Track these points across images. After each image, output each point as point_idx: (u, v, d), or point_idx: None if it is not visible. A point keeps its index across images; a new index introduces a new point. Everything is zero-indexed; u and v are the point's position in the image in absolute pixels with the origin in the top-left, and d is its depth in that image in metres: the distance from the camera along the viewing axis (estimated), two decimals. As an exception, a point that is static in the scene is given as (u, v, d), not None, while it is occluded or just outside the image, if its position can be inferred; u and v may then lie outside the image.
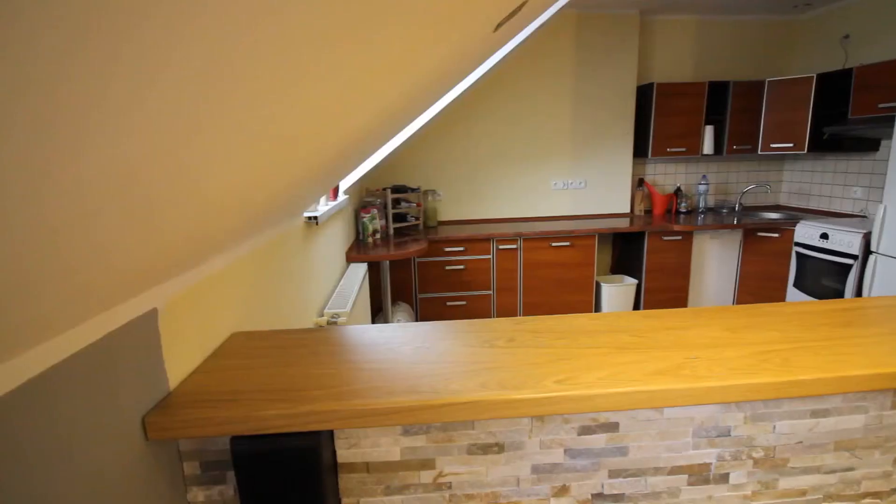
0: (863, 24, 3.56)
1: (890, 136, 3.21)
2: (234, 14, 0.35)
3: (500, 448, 0.87)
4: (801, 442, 0.93)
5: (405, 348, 0.99)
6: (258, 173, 0.76)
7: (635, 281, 3.81)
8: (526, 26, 2.00)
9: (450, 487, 0.89)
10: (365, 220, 3.44)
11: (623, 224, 3.78)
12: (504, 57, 3.30)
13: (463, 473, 0.87)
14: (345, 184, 2.84)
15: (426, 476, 0.87)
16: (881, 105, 3.12)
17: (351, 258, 2.97)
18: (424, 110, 1.92)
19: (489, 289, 3.74)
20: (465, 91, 3.29)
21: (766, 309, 1.14)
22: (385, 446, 0.85)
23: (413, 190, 3.85)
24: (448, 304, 3.76)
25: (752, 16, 4.06)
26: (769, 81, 3.75)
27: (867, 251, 2.95)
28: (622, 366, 0.86)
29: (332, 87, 0.65)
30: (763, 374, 0.83)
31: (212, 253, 1.01)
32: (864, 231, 2.98)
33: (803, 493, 0.96)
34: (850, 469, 0.97)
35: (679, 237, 3.69)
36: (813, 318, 1.09)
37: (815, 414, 0.92)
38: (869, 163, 3.54)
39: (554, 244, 3.68)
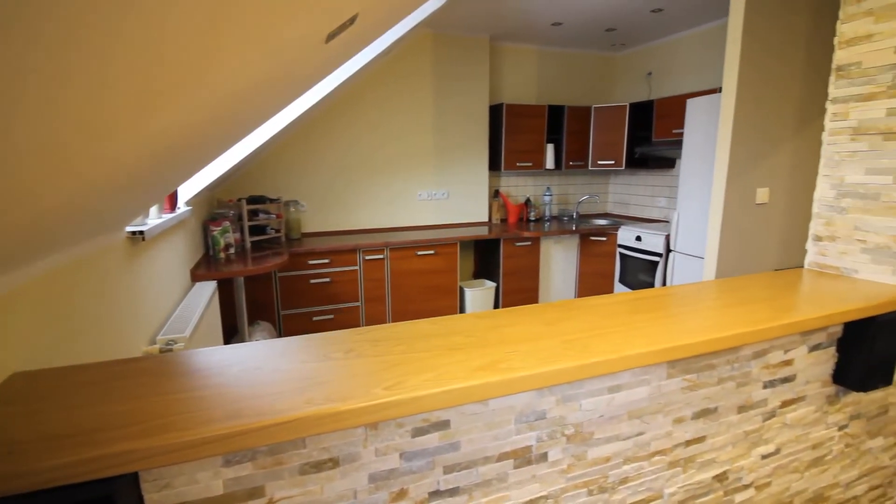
0: (661, 64, 4.36)
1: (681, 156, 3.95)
2: None
3: (334, 463, 0.85)
4: (602, 416, 1.08)
5: (232, 370, 0.92)
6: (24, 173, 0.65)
7: (494, 284, 4.10)
8: (373, 40, 2.04)
9: (283, 512, 0.85)
10: (215, 233, 3.14)
11: (482, 232, 4.05)
12: (363, 68, 3.32)
13: (296, 496, 0.84)
14: (186, 194, 2.56)
15: (255, 505, 0.82)
16: (674, 130, 3.84)
17: (197, 276, 2.68)
18: (266, 118, 1.83)
19: (357, 300, 3.69)
20: (321, 100, 3.22)
21: (577, 303, 1.32)
22: (204, 481, 0.78)
23: (273, 200, 3.64)
24: (314, 318, 3.62)
25: (581, 49, 4.70)
26: (595, 107, 4.37)
27: (668, 250, 3.59)
28: (449, 366, 0.92)
29: (113, 73, 0.58)
30: (566, 359, 0.95)
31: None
32: (666, 233, 3.62)
33: (608, 459, 1.12)
34: (641, 433, 1.16)
35: (529, 243, 4.08)
36: (612, 308, 1.29)
37: (611, 390, 1.08)
38: (668, 178, 4.32)
39: (419, 253, 3.79)
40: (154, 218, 1.99)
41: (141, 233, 1.68)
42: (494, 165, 4.40)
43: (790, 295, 1.45)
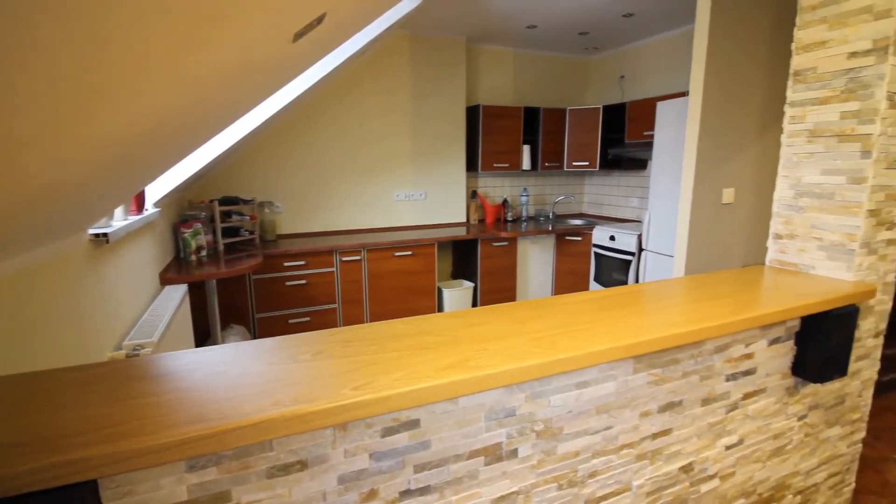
0: (633, 68, 4.46)
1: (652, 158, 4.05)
2: None
3: (302, 465, 0.85)
4: (570, 411, 1.11)
5: (198, 374, 0.90)
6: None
7: (472, 284, 4.12)
8: (345, 40, 2.03)
9: (250, 516, 0.84)
10: (186, 235, 3.07)
11: (460, 232, 4.07)
12: (338, 68, 3.29)
13: (264, 500, 0.83)
14: (154, 195, 2.50)
15: (221, 510, 0.81)
16: (645, 133, 3.93)
17: (167, 279, 2.62)
18: (234, 117, 1.80)
19: (334, 302, 3.66)
20: (295, 100, 3.19)
21: (547, 302, 1.34)
22: (168, 487, 0.77)
23: (246, 201, 3.58)
24: (290, 321, 3.57)
25: (555, 52, 4.77)
26: (569, 109, 4.43)
27: (640, 249, 3.67)
28: (418, 365, 0.92)
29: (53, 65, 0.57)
30: (533, 356, 0.97)
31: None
32: (639, 233, 3.70)
33: (577, 454, 1.15)
34: (609, 427, 1.18)
35: (506, 243, 4.12)
36: (581, 306, 1.31)
37: (578, 386, 1.10)
38: (640, 178, 4.42)
39: (397, 254, 3.78)
40: (119, 220, 1.94)
41: (105, 235, 1.64)
42: (472, 166, 4.42)
43: (751, 291, 1.50)
